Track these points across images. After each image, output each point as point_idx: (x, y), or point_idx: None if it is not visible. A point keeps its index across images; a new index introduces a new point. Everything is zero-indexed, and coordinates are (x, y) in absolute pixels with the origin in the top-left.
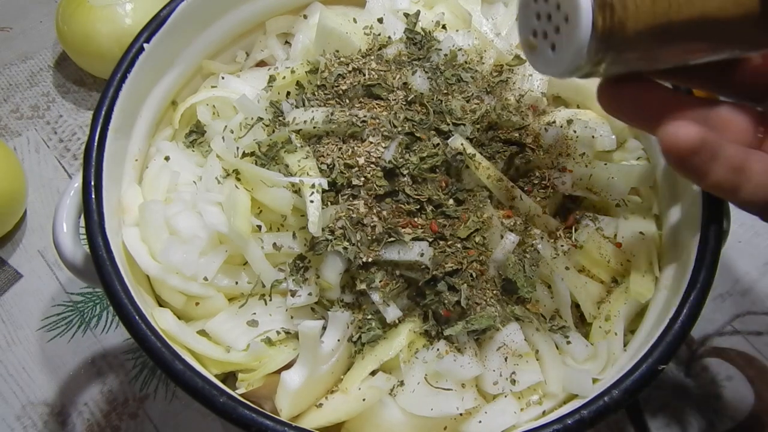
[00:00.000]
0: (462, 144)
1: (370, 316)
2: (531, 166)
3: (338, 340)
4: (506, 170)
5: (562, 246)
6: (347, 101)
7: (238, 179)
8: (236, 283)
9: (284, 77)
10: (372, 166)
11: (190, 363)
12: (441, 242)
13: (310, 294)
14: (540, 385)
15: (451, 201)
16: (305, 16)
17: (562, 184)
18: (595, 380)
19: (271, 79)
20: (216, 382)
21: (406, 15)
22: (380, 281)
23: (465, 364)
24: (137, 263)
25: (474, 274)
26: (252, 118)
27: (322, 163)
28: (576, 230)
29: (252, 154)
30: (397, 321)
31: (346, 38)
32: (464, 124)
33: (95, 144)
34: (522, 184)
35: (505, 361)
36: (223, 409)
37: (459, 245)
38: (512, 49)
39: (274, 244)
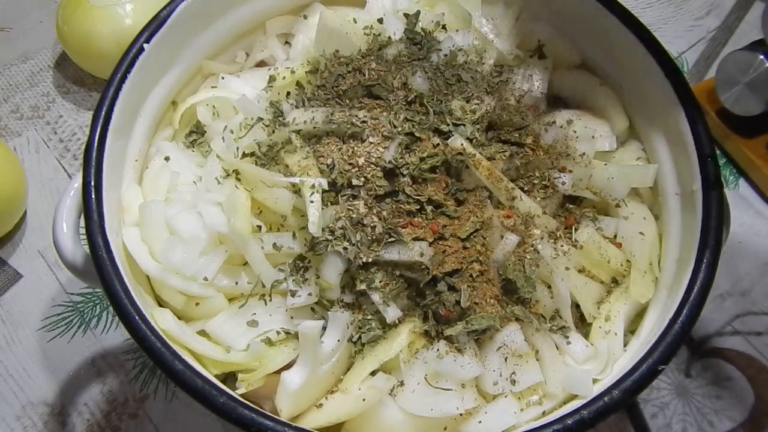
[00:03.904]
0: (462, 144)
1: (370, 316)
2: (531, 166)
3: (338, 340)
4: (506, 170)
5: (562, 246)
6: (347, 101)
7: (238, 179)
8: (236, 283)
9: (284, 77)
10: (372, 166)
11: (190, 363)
12: (441, 242)
13: (310, 294)
14: (540, 386)
15: (451, 201)
16: (305, 17)
17: (562, 184)
18: (595, 380)
19: (271, 79)
20: (216, 382)
21: (406, 15)
22: (380, 281)
23: (465, 364)
24: (137, 263)
25: (474, 275)
26: (252, 119)
27: (322, 163)
28: (576, 230)
29: (252, 154)
30: (397, 321)
31: (346, 38)
32: (464, 125)
33: (95, 144)
34: (522, 184)
35: (505, 361)
36: (223, 409)
37: (459, 245)
38: (512, 50)
39: (274, 244)
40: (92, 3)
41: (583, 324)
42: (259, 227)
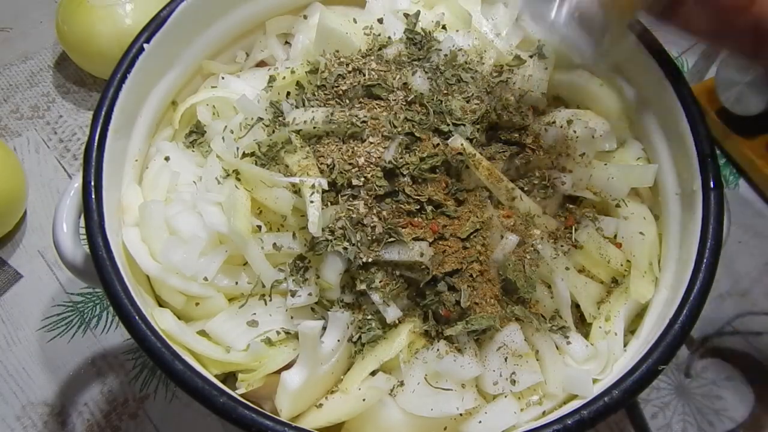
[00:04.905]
0: (462, 144)
1: (370, 316)
2: (531, 166)
3: (338, 341)
4: (506, 170)
5: (562, 246)
6: (347, 101)
7: (238, 179)
8: (236, 283)
9: (284, 77)
10: (372, 166)
11: (190, 363)
12: (441, 242)
13: (310, 294)
14: (540, 386)
15: (451, 201)
16: (305, 17)
17: (562, 184)
18: (595, 380)
19: (271, 79)
20: (216, 382)
21: (406, 15)
22: (380, 281)
23: (465, 364)
24: (137, 263)
25: (474, 275)
26: (252, 119)
27: (322, 163)
28: (576, 230)
29: (252, 154)
30: (397, 321)
31: (346, 38)
32: (464, 125)
33: (95, 144)
34: (522, 184)
35: (505, 361)
36: (223, 409)
37: (459, 245)
38: (512, 50)
39: (274, 244)
40: (92, 3)
41: (583, 324)
42: (259, 227)
